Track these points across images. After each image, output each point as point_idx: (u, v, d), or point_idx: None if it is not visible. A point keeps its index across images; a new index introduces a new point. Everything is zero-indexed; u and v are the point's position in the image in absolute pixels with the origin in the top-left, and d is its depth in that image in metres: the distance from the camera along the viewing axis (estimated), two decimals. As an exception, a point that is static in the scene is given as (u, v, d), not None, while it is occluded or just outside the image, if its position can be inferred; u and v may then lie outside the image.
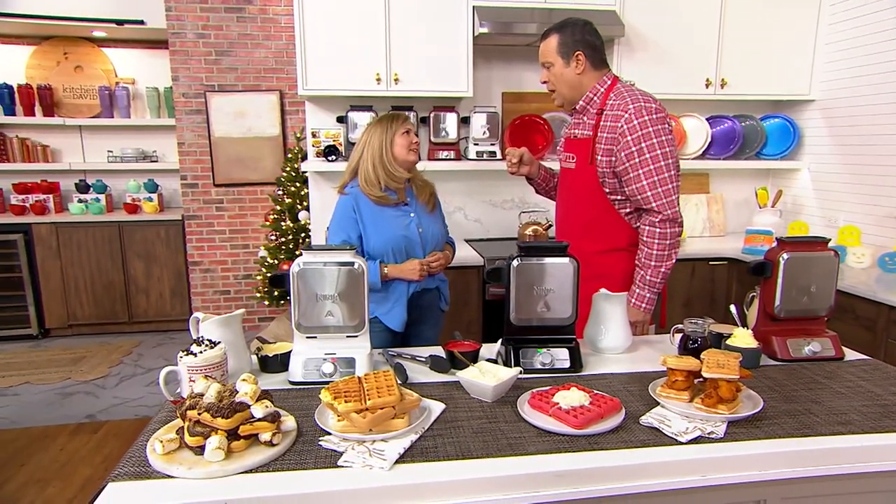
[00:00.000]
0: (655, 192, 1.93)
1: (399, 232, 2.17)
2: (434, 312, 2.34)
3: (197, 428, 1.14)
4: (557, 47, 2.04)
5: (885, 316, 2.44)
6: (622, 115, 1.95)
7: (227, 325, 1.49)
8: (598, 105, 2.04)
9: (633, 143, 1.92)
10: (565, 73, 2.04)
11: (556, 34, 2.05)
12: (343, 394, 1.23)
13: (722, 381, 1.29)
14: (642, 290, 1.98)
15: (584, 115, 2.09)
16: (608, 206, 2.05)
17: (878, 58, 3.11)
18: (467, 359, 1.57)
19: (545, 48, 2.07)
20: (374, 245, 2.16)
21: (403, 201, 2.24)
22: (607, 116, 2.00)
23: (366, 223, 2.16)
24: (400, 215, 2.21)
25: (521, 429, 1.26)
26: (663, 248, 1.95)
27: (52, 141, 5.06)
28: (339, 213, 2.19)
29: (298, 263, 1.51)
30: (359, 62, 3.17)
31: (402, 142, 2.19)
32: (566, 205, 2.20)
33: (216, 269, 4.96)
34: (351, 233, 2.16)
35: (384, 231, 2.16)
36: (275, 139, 4.85)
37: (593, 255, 2.04)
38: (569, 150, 2.16)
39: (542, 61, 2.09)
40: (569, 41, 2.03)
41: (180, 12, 4.56)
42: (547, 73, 2.09)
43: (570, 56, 2.03)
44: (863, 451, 1.21)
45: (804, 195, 3.66)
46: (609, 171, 2.00)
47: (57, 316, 4.82)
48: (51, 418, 3.46)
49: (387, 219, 2.18)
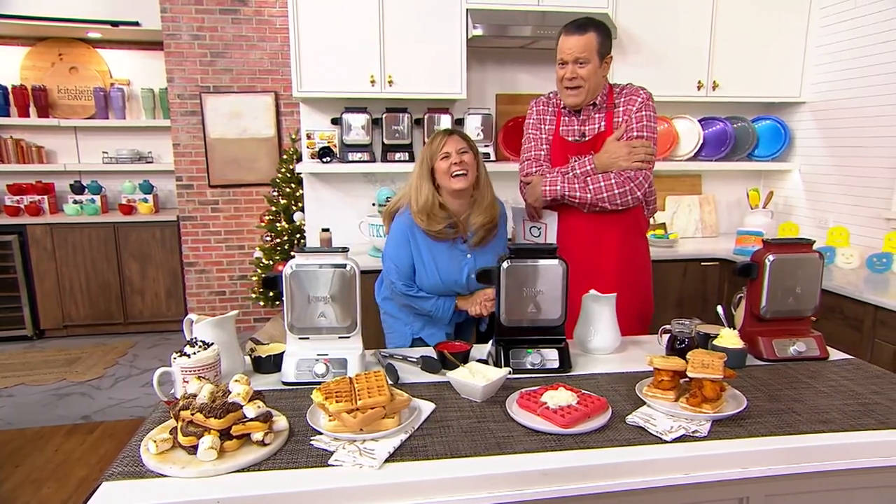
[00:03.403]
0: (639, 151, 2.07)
1: (444, 276, 2.03)
2: (470, 330, 2.26)
3: (190, 428, 1.16)
4: (598, 46, 2.01)
5: (871, 316, 2.47)
6: (636, 99, 2.06)
7: (220, 326, 1.51)
8: (606, 102, 2.11)
9: (636, 114, 2.06)
10: (597, 72, 2.04)
11: (595, 33, 2.01)
12: (334, 394, 1.26)
13: (706, 380, 1.32)
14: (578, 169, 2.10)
15: (595, 112, 2.13)
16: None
17: (867, 60, 3.15)
18: (458, 359, 1.59)
19: (584, 44, 1.99)
20: (421, 282, 2.05)
21: (462, 236, 2.05)
22: (619, 112, 2.09)
23: (418, 254, 2.02)
24: (454, 256, 2.04)
25: (509, 428, 1.29)
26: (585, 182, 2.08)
27: (47, 142, 5.07)
28: (395, 233, 2.05)
29: (291, 265, 1.53)
30: (353, 64, 3.19)
31: (442, 167, 1.96)
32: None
33: (211, 269, 4.98)
34: (405, 258, 2.02)
35: (430, 271, 2.02)
36: (270, 140, 4.86)
37: (620, 241, 2.13)
38: (585, 151, 2.13)
39: (577, 56, 2.00)
40: (606, 43, 2.04)
41: (175, 14, 4.57)
42: (578, 69, 2.01)
43: (604, 57, 2.04)
44: (842, 448, 1.23)
45: (795, 196, 3.69)
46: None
47: (52, 317, 4.83)
48: (46, 419, 3.47)
49: (438, 257, 2.02)
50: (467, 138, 2.03)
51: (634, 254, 2.19)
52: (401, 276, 2.05)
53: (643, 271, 2.23)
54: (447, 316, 2.08)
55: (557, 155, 2.21)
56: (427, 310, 2.07)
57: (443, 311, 2.06)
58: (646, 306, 2.24)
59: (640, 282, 2.21)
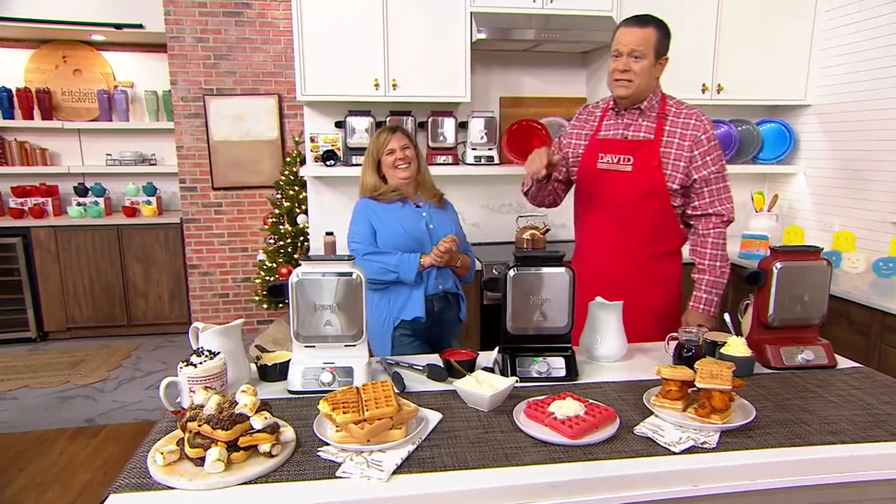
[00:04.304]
0: (726, 197, 2.04)
1: (408, 226, 2.23)
2: (454, 325, 2.37)
3: (197, 440, 1.15)
4: (656, 44, 1.95)
5: (878, 321, 2.46)
6: (695, 123, 1.99)
7: (226, 334, 1.51)
8: (657, 109, 2.04)
9: (713, 151, 2.00)
10: (651, 71, 1.97)
11: (655, 29, 1.95)
12: (341, 405, 1.25)
13: (715, 391, 1.31)
14: (710, 295, 2.02)
15: (641, 118, 2.04)
16: (671, 210, 2.05)
17: (872, 63, 3.14)
18: (464, 368, 1.59)
19: (642, 37, 1.93)
20: (385, 239, 2.22)
21: (414, 202, 2.31)
22: (674, 122, 2.01)
23: (378, 219, 2.24)
24: (410, 212, 2.28)
25: (517, 439, 1.28)
26: (725, 249, 2.04)
27: (51, 144, 5.07)
28: (355, 217, 2.29)
29: (297, 274, 1.53)
30: (357, 68, 3.18)
31: (388, 161, 2.25)
32: (617, 208, 2.07)
33: (215, 272, 4.97)
34: (365, 227, 2.23)
35: (394, 226, 2.22)
36: (273, 143, 4.86)
37: (648, 260, 2.07)
38: (623, 151, 2.05)
39: (633, 48, 1.93)
40: (665, 42, 1.98)
41: (179, 16, 4.57)
42: (633, 63, 1.95)
43: (660, 57, 1.98)
44: (853, 460, 1.23)
45: (800, 200, 3.68)
46: (679, 174, 2.00)
47: (56, 319, 4.83)
48: (50, 422, 3.47)
49: (397, 216, 2.25)
50: (408, 135, 2.30)
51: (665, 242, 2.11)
52: (362, 241, 2.23)
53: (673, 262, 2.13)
54: (412, 268, 2.17)
55: (587, 158, 2.14)
56: (393, 264, 2.18)
57: (407, 263, 2.17)
58: (675, 304, 2.16)
59: (669, 277, 2.13)
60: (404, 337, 2.24)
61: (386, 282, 2.20)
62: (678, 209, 2.07)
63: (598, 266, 2.12)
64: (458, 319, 2.38)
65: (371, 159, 2.30)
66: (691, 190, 2.04)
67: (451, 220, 2.37)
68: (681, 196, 2.05)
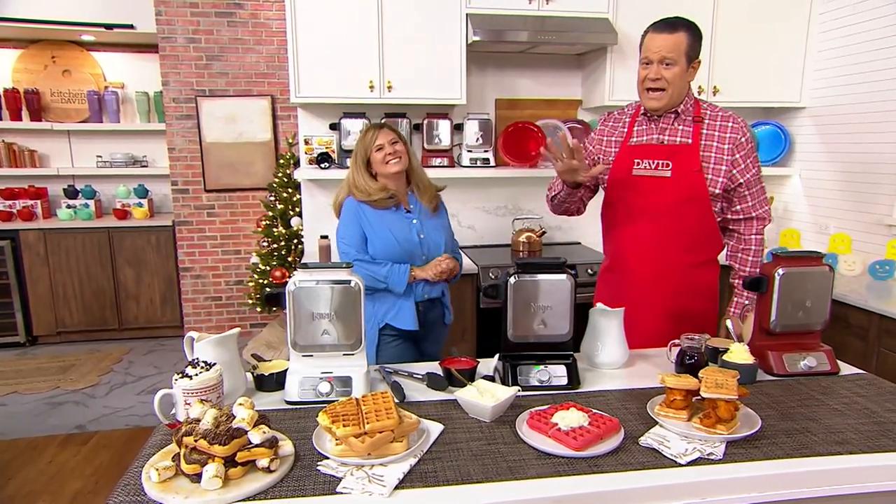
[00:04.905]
0: (764, 199, 2.01)
1: (398, 236, 2.19)
2: (439, 327, 2.36)
3: (193, 455, 1.12)
4: (687, 49, 1.87)
5: (876, 325, 2.46)
6: (733, 125, 1.94)
7: (222, 344, 1.47)
8: (692, 112, 1.97)
9: (752, 153, 1.96)
10: (683, 76, 1.90)
11: (686, 33, 1.87)
12: (341, 417, 1.22)
13: (721, 400, 1.29)
14: (751, 302, 1.99)
15: (677, 122, 1.97)
16: (711, 216, 1.99)
17: (867, 66, 3.14)
18: (464, 377, 1.56)
19: (673, 43, 1.86)
20: (375, 247, 2.19)
21: (405, 207, 2.25)
22: (711, 126, 1.95)
23: (369, 225, 2.19)
24: (401, 220, 2.23)
25: (520, 451, 1.26)
26: (763, 254, 2.04)
27: (40, 146, 5.00)
28: (345, 216, 2.23)
29: (294, 282, 1.50)
30: (352, 69, 3.15)
31: (377, 157, 2.19)
32: (657, 215, 1.99)
33: (207, 275, 4.92)
34: (356, 231, 2.18)
35: (384, 234, 2.18)
36: (266, 144, 4.81)
37: (689, 268, 2.01)
38: (661, 156, 1.97)
39: (664, 56, 1.86)
40: (696, 46, 1.90)
41: (170, 17, 4.51)
42: (664, 70, 1.88)
43: (692, 61, 1.91)
44: (861, 471, 1.21)
45: (795, 202, 3.68)
46: (721, 178, 1.93)
47: (45, 323, 4.77)
48: (39, 429, 3.42)
49: (387, 223, 2.20)
50: (396, 130, 2.23)
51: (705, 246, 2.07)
52: (353, 246, 2.19)
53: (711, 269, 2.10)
54: (402, 281, 2.15)
55: (620, 165, 2.04)
56: (383, 275, 2.15)
57: (397, 275, 2.15)
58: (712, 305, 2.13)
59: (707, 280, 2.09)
60: (388, 338, 2.23)
61: (374, 288, 2.18)
62: (717, 215, 2.02)
63: (637, 276, 2.05)
64: (442, 322, 2.35)
65: (360, 159, 2.22)
66: (733, 194, 1.98)
67: (443, 227, 2.32)
68: (721, 201, 2.00)
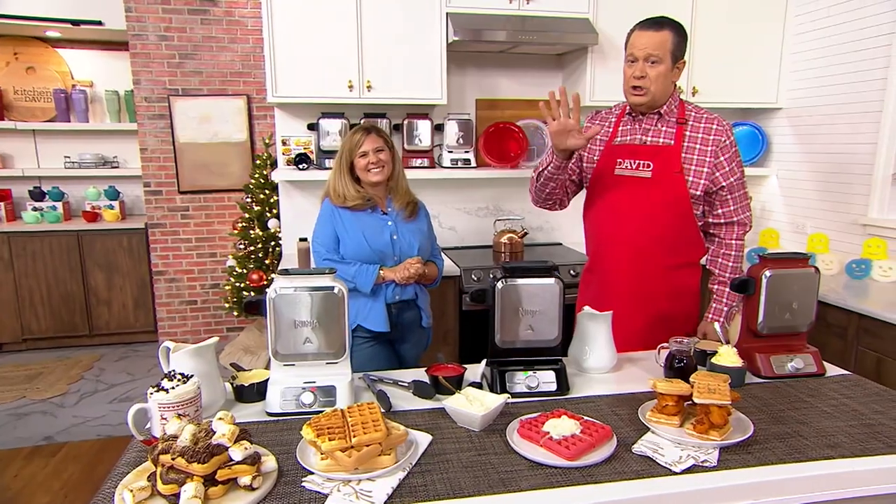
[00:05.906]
0: (746, 204, 1.99)
1: (370, 238, 2.17)
2: (416, 330, 2.31)
3: (171, 475, 1.06)
4: (672, 47, 1.86)
5: (855, 323, 2.49)
6: (717, 128, 1.92)
7: (199, 355, 1.41)
8: (676, 114, 1.96)
9: (736, 156, 1.94)
10: (667, 76, 1.89)
11: (671, 32, 1.86)
12: (326, 430, 1.17)
13: (713, 406, 1.27)
14: (729, 308, 1.98)
15: (660, 122, 1.96)
16: (692, 218, 1.96)
17: (842, 68, 3.19)
18: (452, 384, 1.52)
19: (658, 41, 1.84)
20: (346, 249, 2.18)
21: (382, 209, 2.24)
22: (695, 127, 1.93)
23: (343, 226, 2.19)
24: (376, 221, 2.22)
25: (511, 461, 1.22)
26: (744, 260, 2.02)
27: (3, 146, 4.83)
28: (321, 215, 2.23)
29: (275, 289, 1.44)
30: (330, 69, 3.09)
31: (360, 163, 2.16)
32: (637, 217, 1.97)
33: (182, 278, 4.80)
34: (329, 231, 2.19)
35: (356, 236, 2.17)
36: (242, 145, 4.71)
37: (668, 270, 1.99)
38: (642, 156, 1.96)
39: (650, 53, 1.85)
40: (681, 45, 1.89)
41: (141, 13, 4.38)
42: (649, 68, 1.86)
43: (676, 61, 1.89)
44: (854, 475, 1.20)
45: (773, 202, 3.72)
46: (702, 181, 1.91)
47: (10, 330, 4.59)
48: (4, 441, 3.28)
49: (361, 225, 2.19)
50: (384, 135, 2.20)
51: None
52: (324, 246, 2.19)
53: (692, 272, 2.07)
54: (369, 281, 2.14)
55: (603, 164, 2.04)
56: (351, 275, 2.15)
57: (365, 275, 2.14)
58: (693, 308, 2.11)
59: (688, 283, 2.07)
60: (361, 339, 2.20)
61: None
62: (699, 219, 2.00)
63: (615, 276, 2.03)
64: (420, 325, 2.31)
65: (343, 161, 2.18)
66: (715, 197, 1.96)
67: (419, 231, 2.28)
68: (703, 204, 1.98)
